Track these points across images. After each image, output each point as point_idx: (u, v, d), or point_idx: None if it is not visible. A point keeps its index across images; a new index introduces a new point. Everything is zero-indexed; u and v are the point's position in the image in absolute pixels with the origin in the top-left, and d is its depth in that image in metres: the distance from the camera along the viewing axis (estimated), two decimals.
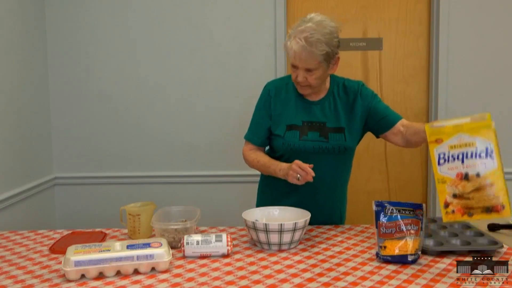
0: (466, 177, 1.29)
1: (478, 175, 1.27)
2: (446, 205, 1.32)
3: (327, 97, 1.81)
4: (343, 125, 1.78)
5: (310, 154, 1.77)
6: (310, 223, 1.64)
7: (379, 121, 1.79)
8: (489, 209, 1.27)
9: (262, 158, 1.83)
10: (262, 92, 1.88)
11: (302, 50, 1.62)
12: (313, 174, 1.61)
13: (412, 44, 3.05)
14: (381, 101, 1.83)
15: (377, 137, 1.86)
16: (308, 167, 1.61)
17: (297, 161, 1.64)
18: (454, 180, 1.30)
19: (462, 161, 1.29)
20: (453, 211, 1.31)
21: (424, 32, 3.04)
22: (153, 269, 1.37)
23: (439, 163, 1.33)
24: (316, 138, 1.76)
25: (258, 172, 1.99)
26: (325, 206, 1.85)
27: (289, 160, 1.77)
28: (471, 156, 1.28)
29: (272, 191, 1.91)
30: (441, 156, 1.33)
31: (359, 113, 1.79)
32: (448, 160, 1.31)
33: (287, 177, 1.66)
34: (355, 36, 3.04)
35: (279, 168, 1.73)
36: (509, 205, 1.23)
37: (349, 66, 3.06)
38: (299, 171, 1.61)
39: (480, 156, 1.27)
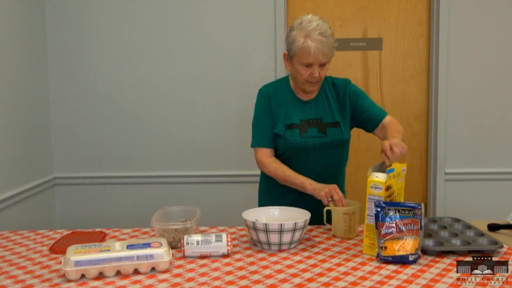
0: None
1: None
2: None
3: (320, 95, 1.88)
4: (338, 120, 1.86)
5: (311, 150, 1.84)
6: (318, 215, 1.69)
7: (363, 120, 1.88)
8: None
9: (286, 169, 1.83)
10: (259, 97, 1.92)
11: (323, 45, 1.70)
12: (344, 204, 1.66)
13: (412, 44, 3.05)
14: (366, 99, 1.90)
15: (368, 131, 1.94)
16: (342, 197, 1.67)
17: (336, 188, 1.69)
18: None
19: None
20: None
21: (424, 32, 3.04)
22: (153, 269, 1.37)
23: None
24: (315, 134, 1.83)
25: (258, 172, 1.99)
26: None
27: (289, 158, 1.80)
28: None
29: (276, 187, 1.92)
30: None
31: (347, 109, 1.87)
32: None
33: (319, 193, 1.71)
34: (355, 36, 3.04)
35: (308, 182, 1.76)
36: None
37: (349, 66, 3.06)
38: (336, 195, 1.67)
39: None
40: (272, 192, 1.95)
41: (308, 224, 1.61)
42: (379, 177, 1.46)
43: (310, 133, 1.83)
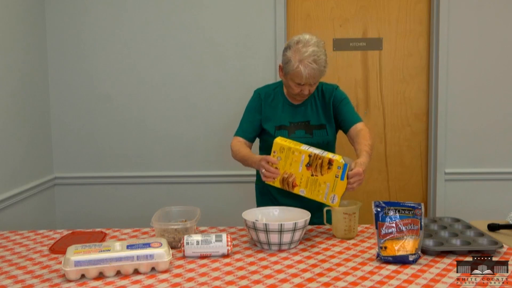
0: None
1: None
2: None
3: (309, 100, 1.99)
4: (324, 123, 1.98)
5: None
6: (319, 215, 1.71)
7: (340, 122, 1.98)
8: None
9: (242, 150, 1.95)
10: (253, 96, 2.05)
11: (315, 72, 1.81)
12: (278, 174, 1.70)
13: (412, 44, 3.05)
14: (347, 105, 1.99)
15: (345, 133, 2.04)
16: (272, 168, 1.71)
17: (265, 157, 1.74)
18: None
19: None
20: None
21: (424, 32, 3.04)
22: (153, 269, 1.37)
23: None
24: (303, 135, 1.95)
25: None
26: None
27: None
28: None
29: (270, 190, 2.00)
30: None
31: (331, 112, 1.99)
32: None
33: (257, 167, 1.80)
34: (355, 36, 3.04)
35: (252, 161, 1.85)
36: None
37: (349, 66, 3.06)
38: (265, 168, 1.71)
39: None
40: (270, 192, 2.01)
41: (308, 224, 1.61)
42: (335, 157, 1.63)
43: (298, 134, 1.94)
